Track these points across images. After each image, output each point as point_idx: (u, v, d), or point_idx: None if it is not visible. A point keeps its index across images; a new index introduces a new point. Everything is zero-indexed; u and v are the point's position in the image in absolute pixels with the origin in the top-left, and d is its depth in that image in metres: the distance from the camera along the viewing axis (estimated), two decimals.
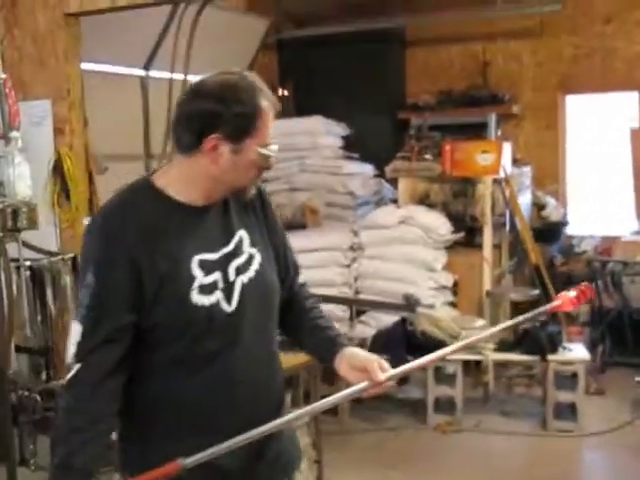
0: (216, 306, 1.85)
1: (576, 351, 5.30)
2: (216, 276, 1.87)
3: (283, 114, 7.79)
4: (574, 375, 5.22)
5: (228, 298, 1.87)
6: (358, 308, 5.96)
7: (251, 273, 1.93)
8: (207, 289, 1.84)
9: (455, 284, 6.00)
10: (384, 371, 1.89)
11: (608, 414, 5.35)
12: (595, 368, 6.02)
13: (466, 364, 5.55)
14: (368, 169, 6.99)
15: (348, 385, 1.94)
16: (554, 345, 5.22)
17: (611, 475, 4.65)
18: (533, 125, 7.66)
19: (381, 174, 6.84)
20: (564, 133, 7.66)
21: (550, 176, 7.55)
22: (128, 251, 1.78)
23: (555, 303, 2.05)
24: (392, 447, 5.08)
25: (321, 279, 5.85)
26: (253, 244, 1.96)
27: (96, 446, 1.78)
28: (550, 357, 5.15)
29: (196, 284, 1.83)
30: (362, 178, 6.84)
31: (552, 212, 7.21)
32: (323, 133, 6.92)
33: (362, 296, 5.95)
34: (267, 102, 1.84)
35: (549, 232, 7.09)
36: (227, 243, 1.91)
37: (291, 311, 2.10)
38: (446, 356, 2.06)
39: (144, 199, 1.85)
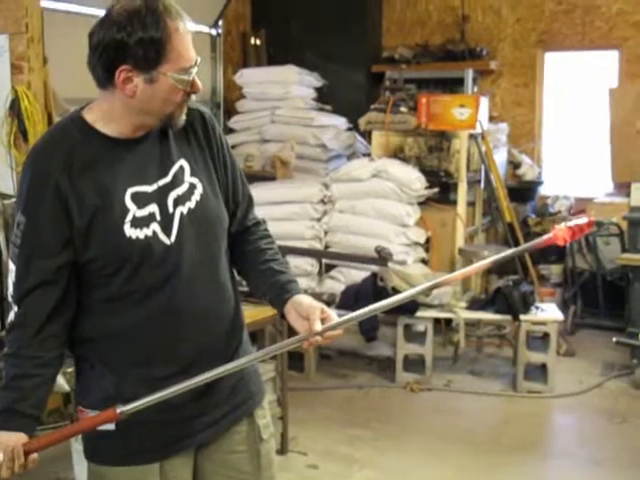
0: (153, 239, 1.79)
1: (548, 311, 5.18)
2: (152, 208, 1.81)
3: (255, 63, 7.76)
4: (545, 336, 5.14)
5: (166, 230, 1.81)
6: (327, 263, 5.82)
7: (192, 203, 1.85)
8: (142, 222, 1.79)
9: (427, 241, 5.93)
10: (328, 320, 1.82)
11: (578, 376, 5.31)
12: (566, 329, 5.97)
13: (437, 323, 5.43)
14: (341, 122, 6.81)
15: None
16: (527, 305, 5.08)
17: (578, 437, 4.53)
18: (511, 82, 7.52)
19: (354, 127, 6.69)
20: (541, 91, 7.52)
21: (526, 135, 7.44)
22: (55, 187, 1.73)
23: (548, 236, 1.87)
24: (360, 405, 4.95)
25: (290, 232, 5.71)
26: (194, 174, 1.87)
27: (43, 391, 1.79)
28: (522, 317, 5.03)
29: (129, 217, 1.77)
30: (335, 131, 6.65)
31: (527, 171, 7.13)
32: (295, 83, 6.73)
33: (333, 250, 5.78)
34: (179, 23, 1.72)
35: (523, 191, 7.02)
36: (164, 174, 1.84)
37: (242, 249, 2.02)
38: (401, 301, 1.90)
39: (74, 134, 1.79)
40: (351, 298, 5.18)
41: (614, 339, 3.73)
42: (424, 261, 5.87)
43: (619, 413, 4.72)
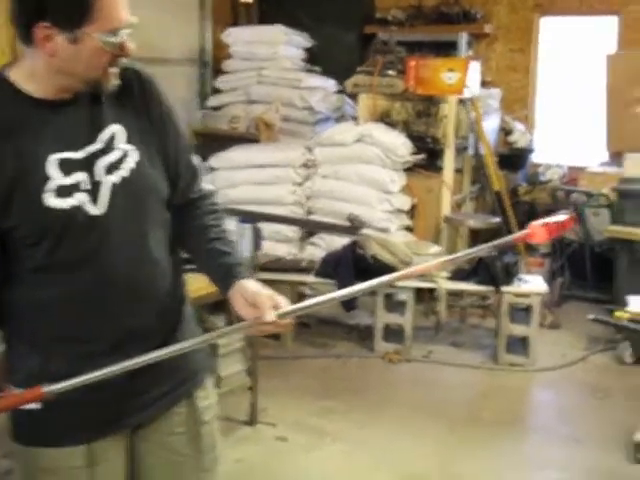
0: (78, 209, 1.67)
1: (532, 283, 5.08)
2: (79, 177, 1.68)
3: (245, 22, 7.55)
4: (529, 308, 5.01)
5: (95, 200, 1.69)
6: (310, 229, 5.67)
7: (124, 172, 1.72)
8: (66, 191, 1.67)
9: (413, 208, 5.83)
10: (277, 308, 1.72)
11: (561, 349, 5.22)
12: (553, 301, 5.87)
13: (420, 292, 5.32)
14: (330, 84, 6.66)
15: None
16: (509, 276, 4.96)
17: (558, 412, 4.43)
18: (506, 47, 7.30)
19: (344, 90, 6.51)
20: (537, 57, 7.31)
21: (520, 101, 7.25)
22: None
23: (524, 232, 1.78)
24: (336, 376, 4.83)
25: (271, 197, 5.59)
26: (129, 140, 1.74)
27: None
28: (504, 288, 4.94)
29: (51, 185, 1.65)
30: (323, 93, 6.51)
31: (519, 138, 6.96)
32: (283, 43, 6.57)
33: (315, 216, 5.68)
34: None
35: (515, 158, 6.88)
36: (93, 139, 1.71)
37: (186, 223, 1.89)
38: (372, 289, 1.80)
39: None
40: (330, 265, 5.05)
41: (590, 316, 3.59)
42: (409, 229, 5.78)
43: (602, 388, 4.64)
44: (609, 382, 4.74)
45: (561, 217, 1.76)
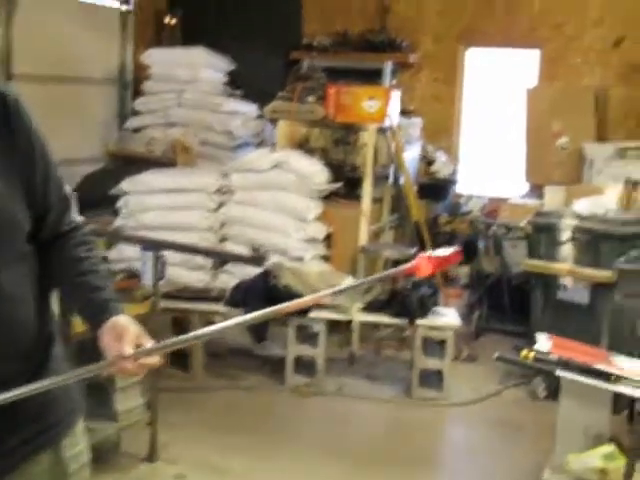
0: None
1: (448, 316, 5.03)
2: None
3: (168, 43, 7.42)
4: (444, 341, 4.93)
5: None
6: (213, 258, 5.54)
7: None
8: None
9: (329, 237, 5.72)
10: (139, 346, 1.59)
11: (476, 384, 5.17)
12: (470, 334, 5.85)
13: (336, 323, 5.19)
14: (251, 109, 6.61)
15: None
16: (424, 308, 4.89)
17: (467, 449, 4.39)
18: (431, 76, 7.33)
19: (264, 115, 6.40)
20: (461, 87, 7.36)
21: (444, 131, 7.26)
22: None
23: (409, 265, 1.72)
24: (244, 410, 4.66)
25: (184, 222, 5.47)
26: None
27: None
28: (419, 321, 4.88)
29: None
30: (243, 118, 6.45)
31: (441, 168, 6.96)
32: (204, 66, 6.49)
33: (228, 243, 5.54)
34: None
35: (436, 189, 6.87)
36: None
37: (56, 257, 1.74)
38: (255, 321, 1.65)
39: None
40: (240, 294, 4.91)
41: (495, 354, 3.51)
42: (325, 258, 5.66)
43: (514, 424, 4.60)
44: (522, 417, 4.69)
45: (447, 251, 1.71)
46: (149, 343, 1.60)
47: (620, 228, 4.66)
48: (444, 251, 1.73)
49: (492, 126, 7.29)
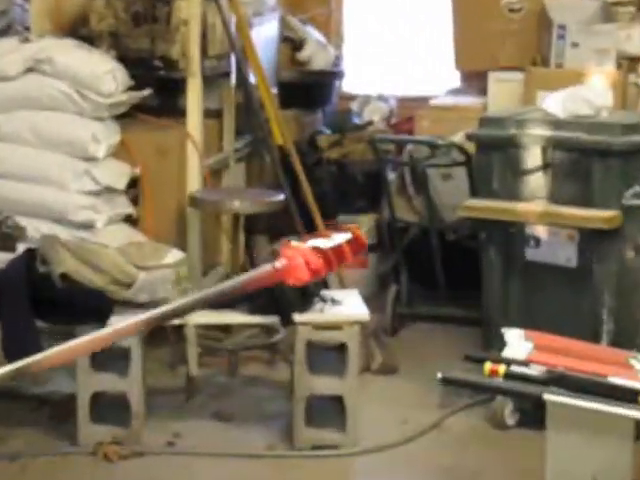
0: None
1: (346, 303, 5.04)
2: None
3: None
4: (342, 347, 4.93)
5: None
6: None
7: None
8: None
9: (135, 184, 5.78)
10: None
11: (401, 411, 5.22)
12: (384, 327, 6.00)
13: (159, 330, 5.13)
14: None
15: None
16: (306, 296, 4.88)
17: None
18: None
19: None
20: None
21: None
22: None
23: (270, 268, 1.82)
24: None
25: None
26: None
27: None
28: (298, 317, 4.85)
29: None
30: None
31: (316, 54, 7.13)
32: None
33: None
34: None
35: (311, 89, 7.08)
36: None
37: None
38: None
39: None
40: None
41: (438, 375, 3.37)
42: (131, 221, 5.76)
43: (467, 472, 4.69)
44: (480, 461, 4.77)
45: (341, 236, 1.74)
46: None
47: (622, 139, 4.71)
48: (336, 236, 1.79)
49: None
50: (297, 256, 1.71)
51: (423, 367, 5.52)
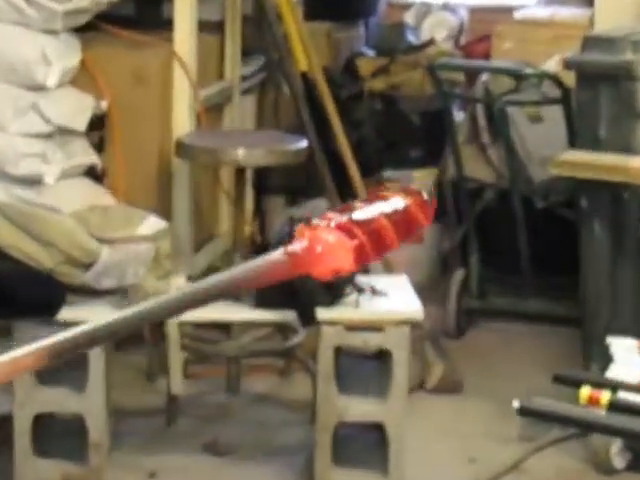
0: None
1: (392, 295, 5.08)
2: None
3: None
4: (383, 355, 5.05)
5: None
6: None
7: None
8: None
9: (102, 123, 5.90)
10: None
11: (467, 444, 5.34)
12: (447, 327, 6.13)
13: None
14: None
15: None
16: (336, 284, 4.90)
17: None
18: None
19: None
20: None
21: None
22: None
23: (290, 250, 1.63)
24: None
25: None
26: None
27: None
28: (322, 314, 4.91)
29: None
30: None
31: None
32: None
33: None
34: None
35: None
36: None
37: None
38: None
39: None
40: None
41: (515, 404, 3.25)
42: (94, 175, 5.86)
43: None
44: None
45: (394, 201, 1.63)
46: None
47: None
48: (381, 201, 1.67)
49: None
50: (326, 235, 1.52)
51: (497, 384, 5.71)
